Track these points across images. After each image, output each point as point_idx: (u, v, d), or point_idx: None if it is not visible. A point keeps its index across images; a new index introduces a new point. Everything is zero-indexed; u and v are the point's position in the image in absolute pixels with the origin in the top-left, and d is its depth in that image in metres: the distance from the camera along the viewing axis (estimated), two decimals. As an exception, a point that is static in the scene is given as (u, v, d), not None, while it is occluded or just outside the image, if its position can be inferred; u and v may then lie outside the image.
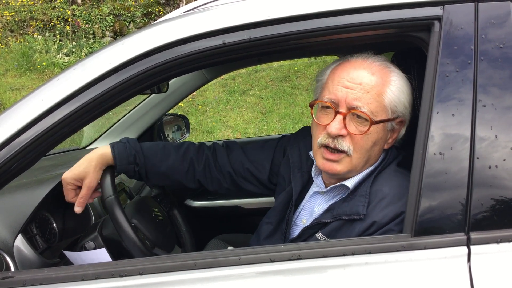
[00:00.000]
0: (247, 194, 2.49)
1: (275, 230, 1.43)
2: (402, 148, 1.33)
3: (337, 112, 1.21)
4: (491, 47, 1.02)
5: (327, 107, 1.23)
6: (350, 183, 1.26)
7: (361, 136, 1.20)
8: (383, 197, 1.18)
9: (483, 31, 1.02)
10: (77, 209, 1.41)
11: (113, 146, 1.44)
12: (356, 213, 1.19)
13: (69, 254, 1.40)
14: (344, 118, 1.20)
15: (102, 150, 1.43)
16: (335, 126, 1.20)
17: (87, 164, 1.39)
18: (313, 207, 1.36)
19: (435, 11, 1.05)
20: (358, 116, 1.19)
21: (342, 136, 1.21)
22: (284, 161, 1.50)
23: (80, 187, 1.41)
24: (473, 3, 1.04)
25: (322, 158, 1.26)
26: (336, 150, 1.23)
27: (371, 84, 1.19)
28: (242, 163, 1.54)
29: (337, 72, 1.24)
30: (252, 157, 1.55)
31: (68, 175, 1.39)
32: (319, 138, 1.25)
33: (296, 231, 1.37)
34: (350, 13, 1.06)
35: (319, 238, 1.24)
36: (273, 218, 1.44)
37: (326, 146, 1.24)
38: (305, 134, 1.50)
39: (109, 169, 1.43)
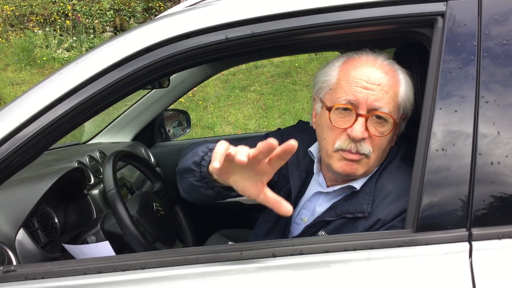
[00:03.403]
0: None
1: (273, 228, 1.41)
2: (402, 142, 1.33)
3: (358, 115, 1.17)
4: (494, 44, 1.02)
5: (345, 109, 1.18)
6: (358, 184, 1.24)
7: (384, 136, 1.19)
8: (388, 194, 1.18)
9: (486, 27, 1.02)
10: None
11: None
12: (360, 211, 1.18)
13: (70, 247, 1.40)
14: (366, 120, 1.17)
15: None
16: (360, 129, 1.16)
17: None
18: (314, 206, 1.34)
19: (438, 7, 1.04)
20: (378, 117, 1.18)
21: (364, 139, 1.18)
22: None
23: None
24: (477, -1, 1.04)
25: (342, 160, 1.21)
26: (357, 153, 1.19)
27: (388, 84, 1.19)
28: None
29: (350, 72, 1.20)
30: None
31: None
32: (337, 142, 1.20)
33: (297, 229, 1.35)
34: (353, 8, 1.06)
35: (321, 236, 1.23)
36: (270, 216, 1.42)
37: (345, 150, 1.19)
38: (301, 129, 1.47)
39: (111, 163, 1.43)
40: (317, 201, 1.34)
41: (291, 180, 1.39)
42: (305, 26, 1.07)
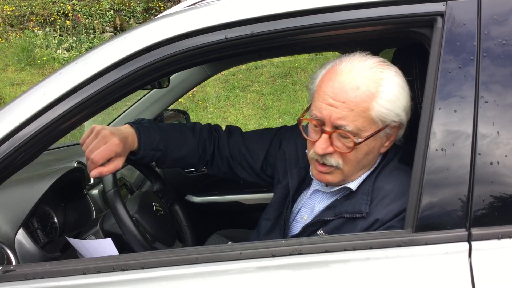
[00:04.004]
0: (247, 189, 2.50)
1: (274, 226, 1.42)
2: (404, 142, 1.33)
3: (322, 131, 1.18)
4: (494, 44, 1.02)
5: (315, 124, 1.20)
6: (353, 185, 1.25)
7: (349, 152, 1.18)
8: (386, 195, 1.18)
9: (486, 27, 1.02)
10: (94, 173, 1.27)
11: (138, 130, 1.38)
12: (358, 211, 1.18)
13: (73, 241, 1.39)
14: (330, 137, 1.17)
15: (132, 137, 1.35)
16: (321, 146, 1.18)
17: (121, 135, 1.31)
18: (314, 204, 1.35)
19: (438, 7, 1.04)
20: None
21: (329, 153, 1.19)
22: (280, 154, 1.49)
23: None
24: (476, -1, 1.04)
25: (315, 169, 1.26)
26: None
27: (355, 101, 1.13)
28: (239, 148, 1.54)
29: (323, 85, 1.19)
30: (249, 144, 1.55)
31: (101, 127, 1.29)
32: (310, 152, 1.25)
33: (297, 228, 1.36)
34: (353, 8, 1.06)
35: (320, 235, 1.24)
36: (271, 214, 1.44)
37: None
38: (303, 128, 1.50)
39: None
40: (316, 198, 1.35)
41: (289, 177, 1.40)
42: (305, 26, 1.07)
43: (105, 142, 1.26)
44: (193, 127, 1.55)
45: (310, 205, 1.36)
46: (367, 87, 1.13)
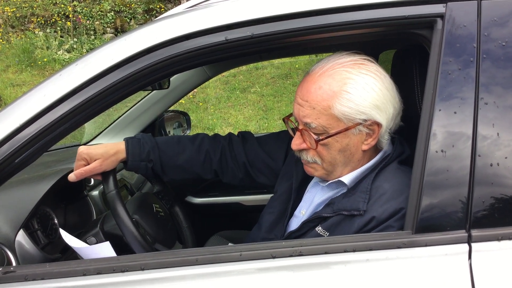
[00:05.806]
0: (247, 190, 2.50)
1: (278, 221, 1.43)
2: (410, 144, 1.32)
3: (296, 128, 1.27)
4: (494, 45, 1.02)
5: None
6: (346, 179, 1.26)
7: (320, 148, 1.23)
8: (383, 193, 1.18)
9: (486, 29, 1.02)
10: (72, 177, 1.40)
11: (127, 141, 1.45)
12: (356, 208, 1.19)
13: (76, 247, 1.38)
14: (302, 134, 1.24)
15: (119, 146, 1.44)
16: (294, 141, 1.27)
17: (106, 150, 1.40)
18: (312, 198, 1.37)
19: (438, 8, 1.04)
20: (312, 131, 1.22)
21: (304, 149, 1.26)
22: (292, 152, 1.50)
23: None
24: (476, 1, 1.04)
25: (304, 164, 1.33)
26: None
27: (316, 100, 1.17)
28: (257, 153, 1.55)
29: (298, 86, 1.26)
30: (267, 147, 1.56)
31: (85, 151, 1.40)
32: None
33: (295, 223, 1.37)
34: (353, 10, 1.06)
35: (318, 232, 1.24)
36: (275, 208, 1.45)
37: None
38: None
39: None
40: (315, 192, 1.37)
41: (294, 173, 1.43)
42: (305, 27, 1.07)
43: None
44: (193, 137, 1.57)
45: (309, 199, 1.38)
46: (329, 86, 1.17)
